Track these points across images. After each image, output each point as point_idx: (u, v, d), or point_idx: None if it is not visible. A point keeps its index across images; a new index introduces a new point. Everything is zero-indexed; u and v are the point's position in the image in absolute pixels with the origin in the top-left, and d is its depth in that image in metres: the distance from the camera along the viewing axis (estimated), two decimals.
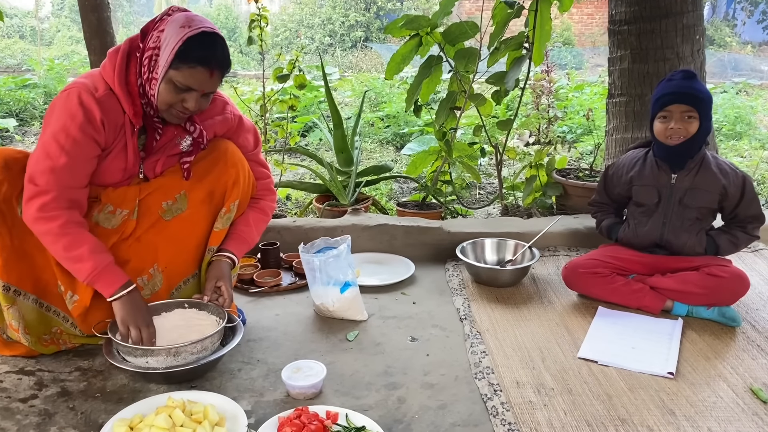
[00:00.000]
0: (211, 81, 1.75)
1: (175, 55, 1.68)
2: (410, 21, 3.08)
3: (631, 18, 3.14)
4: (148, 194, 1.91)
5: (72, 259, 1.74)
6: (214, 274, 1.94)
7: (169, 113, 1.79)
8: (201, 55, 1.70)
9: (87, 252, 1.73)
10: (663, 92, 2.21)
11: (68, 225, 1.73)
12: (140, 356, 1.73)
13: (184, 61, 1.69)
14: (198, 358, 1.76)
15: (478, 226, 2.83)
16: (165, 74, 1.70)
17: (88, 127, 1.72)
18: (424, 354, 1.98)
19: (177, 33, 1.69)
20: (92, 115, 1.72)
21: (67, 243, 1.72)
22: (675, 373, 1.85)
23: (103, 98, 1.74)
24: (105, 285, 1.76)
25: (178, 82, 1.71)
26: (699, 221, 2.28)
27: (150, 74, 1.74)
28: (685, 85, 2.17)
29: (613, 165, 2.46)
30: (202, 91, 1.76)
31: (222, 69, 1.76)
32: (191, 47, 1.68)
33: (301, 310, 2.30)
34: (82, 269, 1.74)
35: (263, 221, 2.11)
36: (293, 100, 2.96)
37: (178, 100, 1.75)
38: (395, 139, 6.24)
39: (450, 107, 3.22)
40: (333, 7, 17.66)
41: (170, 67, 1.69)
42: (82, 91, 1.73)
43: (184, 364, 1.73)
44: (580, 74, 9.97)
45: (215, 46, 1.74)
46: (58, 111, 1.73)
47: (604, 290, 2.30)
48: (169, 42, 1.69)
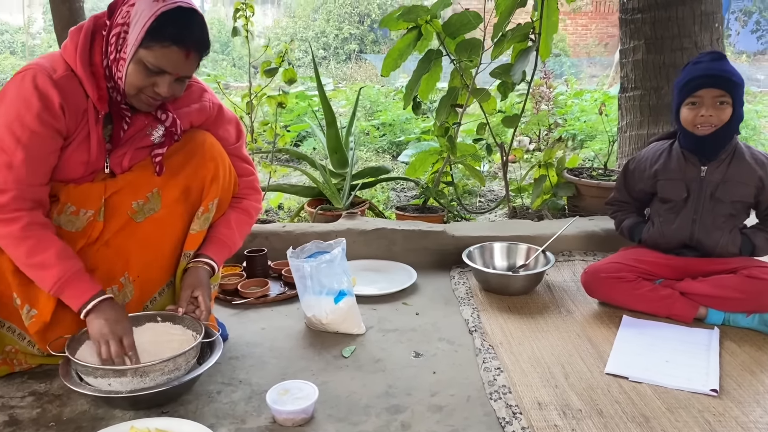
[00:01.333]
0: (187, 63, 1.54)
1: (147, 32, 1.47)
2: (407, 11, 2.86)
3: (645, 5, 2.94)
4: (115, 192, 1.68)
5: (35, 265, 1.51)
6: (190, 282, 1.71)
7: (138, 99, 1.57)
8: (176, 33, 1.49)
9: (53, 257, 1.51)
10: (691, 76, 1.99)
11: (31, 227, 1.51)
12: (102, 377, 1.48)
13: (157, 39, 1.48)
14: (169, 378, 1.52)
15: (485, 229, 2.60)
16: (134, 54, 1.49)
17: (45, 114, 1.49)
18: (430, 371, 1.75)
19: (149, 7, 1.47)
20: (50, 101, 1.49)
21: (29, 247, 1.50)
22: (719, 390, 1.61)
23: (62, 80, 1.52)
24: (73, 295, 1.53)
25: (149, 63, 1.50)
26: (733, 218, 2.06)
27: (117, 54, 1.52)
28: (716, 68, 1.96)
29: (634, 159, 2.24)
30: (176, 74, 1.54)
31: (199, 50, 1.56)
32: (165, 24, 1.47)
33: (291, 323, 2.06)
34: (47, 277, 1.51)
35: (247, 223, 1.87)
36: (282, 96, 2.74)
37: (149, 83, 1.53)
38: (391, 147, 6.04)
39: (451, 104, 3.00)
40: (326, 20, 17.57)
41: (140, 45, 1.48)
42: (38, 73, 1.50)
43: (153, 386, 1.49)
44: (578, 83, 9.82)
45: (192, 24, 1.53)
46: (11, 97, 1.51)
47: (629, 297, 2.06)
48: (140, 17, 1.47)
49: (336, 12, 17.62)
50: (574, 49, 16.58)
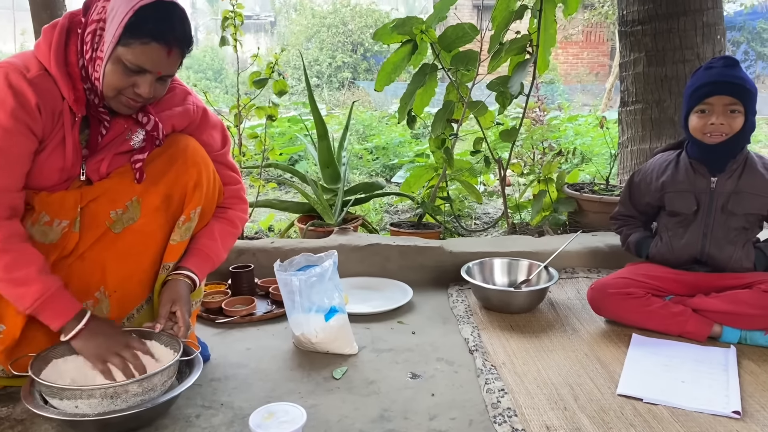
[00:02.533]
0: (169, 61, 1.44)
1: (125, 29, 1.36)
2: (402, 23, 2.79)
3: (646, 17, 2.87)
4: (92, 200, 1.55)
5: (14, 281, 1.38)
6: (169, 296, 1.57)
7: (117, 101, 1.46)
8: (156, 29, 1.39)
9: (34, 273, 1.38)
10: (702, 82, 1.90)
11: (11, 239, 1.38)
12: (68, 399, 1.34)
13: (136, 36, 1.37)
14: (143, 400, 1.38)
15: (484, 245, 2.48)
16: (112, 52, 1.39)
17: (20, 112, 1.38)
18: (428, 393, 1.61)
19: (127, 2, 1.37)
20: (25, 99, 1.38)
21: (9, 261, 1.37)
22: (741, 412, 1.49)
23: (36, 79, 1.40)
24: (53, 314, 1.41)
25: (128, 62, 1.39)
26: (746, 231, 1.96)
27: (93, 53, 1.41)
28: (728, 74, 1.87)
29: (640, 171, 2.14)
30: (157, 73, 1.44)
31: (182, 46, 1.45)
32: (144, 19, 1.37)
33: (278, 343, 1.92)
34: (26, 294, 1.38)
35: (232, 234, 1.74)
36: (272, 109, 2.63)
37: (128, 84, 1.43)
38: (384, 171, 5.95)
39: (447, 119, 2.91)
40: (320, 49, 17.66)
41: (118, 43, 1.38)
42: (11, 71, 1.39)
43: (124, 408, 1.35)
44: (571, 107, 9.83)
45: (173, 18, 1.42)
46: None
47: (639, 314, 1.94)
48: (118, 13, 1.37)
49: (329, 41, 17.75)
50: (566, 78, 16.72)
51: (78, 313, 1.43)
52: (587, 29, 17.06)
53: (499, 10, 2.76)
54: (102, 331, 1.45)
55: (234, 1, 2.50)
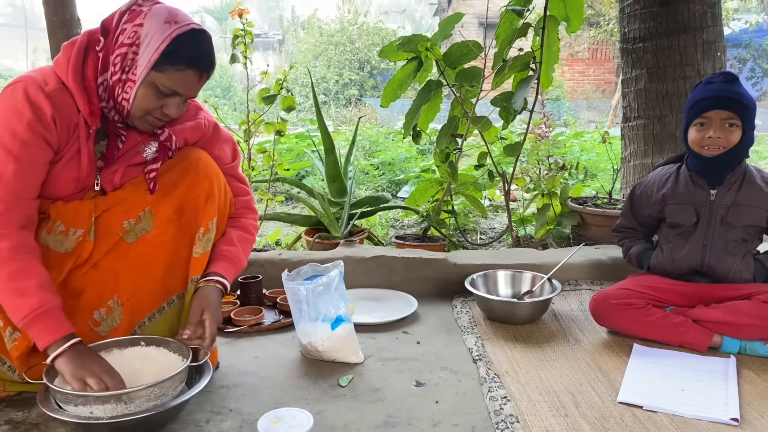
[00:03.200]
0: (198, 85, 1.53)
1: (161, 55, 1.43)
2: (407, 41, 2.85)
3: (647, 35, 2.93)
4: (106, 210, 1.61)
5: (15, 291, 1.41)
6: (199, 304, 1.61)
7: (143, 120, 1.53)
8: (191, 57, 1.47)
9: (34, 286, 1.41)
10: (701, 96, 1.94)
11: (20, 248, 1.43)
12: (82, 405, 1.38)
13: (172, 63, 1.45)
14: (155, 405, 1.42)
15: (489, 257, 2.52)
16: (146, 76, 1.46)
17: (37, 125, 1.44)
18: (432, 401, 1.65)
19: (162, 30, 1.44)
20: (42, 112, 1.44)
21: (14, 270, 1.41)
22: (740, 419, 1.51)
23: (53, 93, 1.47)
24: (44, 330, 1.41)
25: (162, 86, 1.47)
26: (745, 243, 1.99)
27: (124, 75, 1.47)
28: (727, 89, 1.92)
29: (641, 184, 2.18)
30: (187, 95, 1.52)
31: (209, 71, 1.55)
32: (180, 47, 1.45)
33: (286, 352, 1.96)
34: (22, 306, 1.40)
35: (248, 240, 1.79)
36: (281, 124, 2.69)
37: (158, 105, 1.50)
38: (390, 186, 6.01)
39: (452, 134, 2.96)
40: (327, 66, 17.85)
41: (153, 68, 1.45)
42: (29, 84, 1.45)
43: (136, 412, 1.39)
44: (576, 124, 9.88)
45: (205, 46, 1.51)
46: (1, 109, 1.45)
47: (640, 324, 1.97)
48: (153, 39, 1.44)
49: (336, 59, 17.94)
50: (572, 95, 16.81)
51: (66, 336, 1.43)
52: (593, 47, 17.18)
53: (503, 28, 2.82)
54: (84, 356, 1.44)
55: (244, 20, 2.57)
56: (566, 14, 2.75)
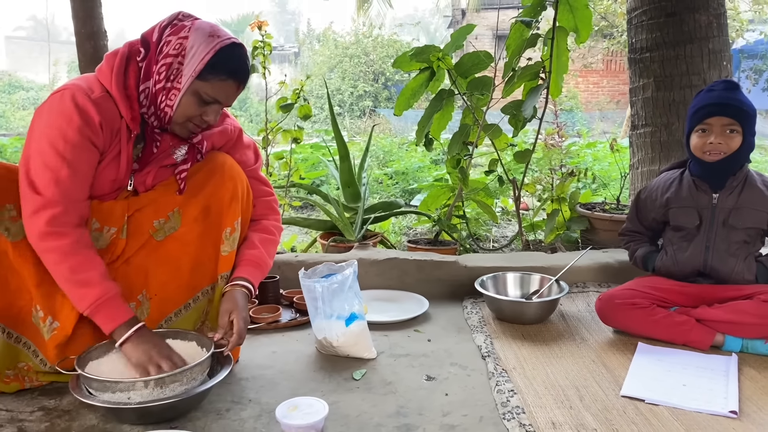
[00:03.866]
0: (236, 94, 1.66)
1: (206, 66, 1.55)
2: (420, 51, 2.94)
3: (653, 45, 3.00)
4: (138, 210, 1.71)
5: (78, 282, 1.53)
6: (227, 307, 1.70)
7: (184, 126, 1.64)
8: (232, 68, 1.60)
9: (97, 276, 1.54)
10: (702, 103, 2.01)
11: (79, 244, 1.54)
12: (120, 391, 1.47)
13: (215, 73, 1.57)
14: (186, 389, 1.51)
15: (498, 260, 2.59)
16: (191, 85, 1.57)
17: (86, 129, 1.54)
18: (442, 393, 1.72)
19: (207, 42, 1.56)
20: (90, 117, 1.54)
21: (75, 264, 1.52)
22: (738, 412, 1.57)
23: (99, 100, 1.57)
24: (108, 317, 1.54)
25: (206, 94, 1.58)
26: (747, 245, 2.05)
27: (169, 83, 1.58)
28: (728, 96, 1.98)
29: (646, 188, 2.25)
30: (226, 104, 1.64)
31: (246, 82, 1.67)
32: (223, 59, 1.57)
33: (302, 347, 2.05)
34: (86, 295, 1.52)
35: (271, 242, 1.87)
36: (298, 132, 2.79)
37: (199, 113, 1.62)
38: (404, 195, 6.08)
39: (463, 141, 3.04)
40: (342, 78, 18.03)
41: (198, 77, 1.56)
42: (77, 92, 1.55)
43: (162, 398, 1.48)
44: (590, 134, 9.92)
45: (244, 58, 1.65)
46: (50, 115, 1.54)
47: (644, 324, 2.03)
48: (198, 51, 1.56)
49: (351, 71, 18.12)
50: (586, 106, 16.83)
51: (129, 320, 1.56)
52: (607, 58, 17.20)
53: (513, 38, 2.90)
54: (148, 341, 1.57)
55: (263, 32, 2.68)
56: (575, 25, 2.84)
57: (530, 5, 2.82)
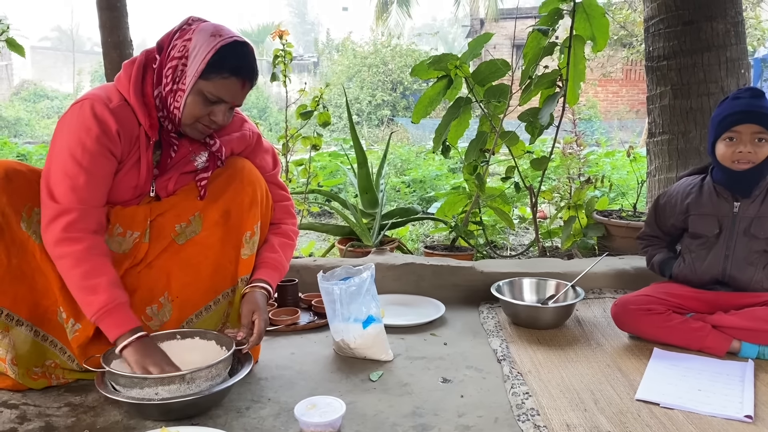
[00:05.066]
0: (242, 92, 1.66)
1: (207, 65, 1.58)
2: (438, 59, 2.99)
3: (671, 53, 3.01)
4: (160, 215, 1.76)
5: (87, 288, 1.57)
6: (249, 307, 1.75)
7: (193, 128, 1.68)
8: (235, 65, 1.61)
9: (105, 283, 1.57)
10: (730, 111, 2.00)
11: (93, 250, 1.58)
12: (148, 387, 1.51)
13: (217, 71, 1.59)
14: (210, 385, 1.56)
15: (515, 266, 2.61)
16: (194, 85, 1.60)
17: (104, 138, 1.60)
18: (457, 395, 1.74)
19: (208, 42, 1.59)
20: (107, 126, 1.60)
21: (87, 270, 1.57)
22: (753, 417, 1.57)
23: (117, 109, 1.63)
24: (114, 324, 1.58)
25: (209, 93, 1.61)
26: (766, 253, 2.05)
27: (175, 85, 1.62)
28: (756, 104, 1.97)
29: (665, 193, 2.25)
30: (232, 103, 1.66)
31: (252, 80, 1.68)
32: (225, 57, 1.59)
33: (320, 349, 2.08)
34: (93, 302, 1.56)
35: (289, 246, 1.92)
36: (317, 139, 2.84)
37: (206, 113, 1.64)
38: (421, 203, 6.10)
39: (480, 148, 3.07)
40: (360, 87, 18.13)
41: (201, 77, 1.59)
42: (95, 102, 1.61)
43: (185, 395, 1.52)
44: (609, 143, 9.88)
45: (247, 56, 1.65)
46: (71, 124, 1.61)
47: (660, 329, 2.04)
48: (200, 51, 1.59)
49: (369, 80, 18.21)
50: (605, 115, 16.75)
51: (133, 329, 1.58)
52: (627, 67, 17.13)
53: (530, 46, 2.93)
54: (149, 350, 1.59)
55: (284, 41, 2.73)
56: (592, 33, 2.86)
57: (547, 14, 2.85)
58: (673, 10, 3.02)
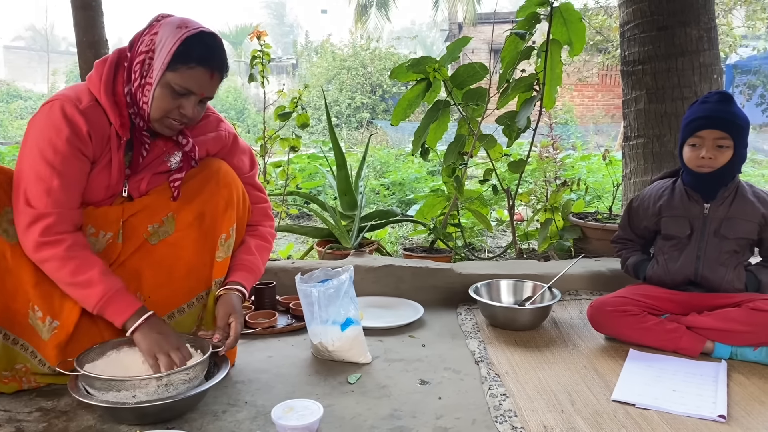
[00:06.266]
0: (211, 84, 1.63)
1: (173, 56, 1.56)
2: (417, 62, 2.99)
3: (646, 57, 3.05)
4: (132, 215, 1.74)
5: (80, 284, 1.56)
6: (225, 309, 1.73)
7: (163, 123, 1.65)
8: (201, 55, 1.59)
9: (97, 275, 1.56)
10: (695, 116, 2.04)
11: (75, 248, 1.57)
12: (125, 390, 1.49)
13: (183, 62, 1.57)
14: (188, 387, 1.54)
15: (492, 268, 2.62)
16: (161, 77, 1.58)
17: (74, 140, 1.58)
18: (435, 397, 1.74)
19: (174, 33, 1.57)
20: (78, 128, 1.58)
21: (74, 267, 1.55)
22: (726, 416, 1.60)
23: (87, 109, 1.60)
24: (117, 311, 1.57)
25: (176, 85, 1.59)
26: (737, 254, 2.08)
27: (143, 80, 1.60)
28: (721, 109, 2.01)
29: (638, 197, 2.28)
30: (201, 94, 1.63)
31: (221, 71, 1.65)
32: (190, 47, 1.57)
33: (297, 352, 2.07)
34: (91, 295, 1.56)
35: (266, 249, 1.91)
36: (295, 140, 2.83)
37: (175, 106, 1.62)
38: (400, 205, 6.11)
39: (459, 151, 3.08)
40: (340, 90, 18.11)
41: (167, 68, 1.57)
42: (65, 103, 1.59)
43: (165, 397, 1.50)
44: (584, 147, 10.00)
45: (215, 47, 1.63)
46: (41, 126, 1.59)
47: (635, 331, 2.06)
48: (166, 43, 1.57)
49: (348, 83, 18.20)
50: (581, 119, 16.93)
51: (138, 310, 1.59)
52: (602, 72, 17.33)
53: (508, 50, 2.95)
54: (159, 329, 1.60)
55: (262, 42, 2.72)
56: (569, 38, 2.88)
57: (525, 18, 2.87)
58: (648, 15, 3.06)
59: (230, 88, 19.87)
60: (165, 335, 1.60)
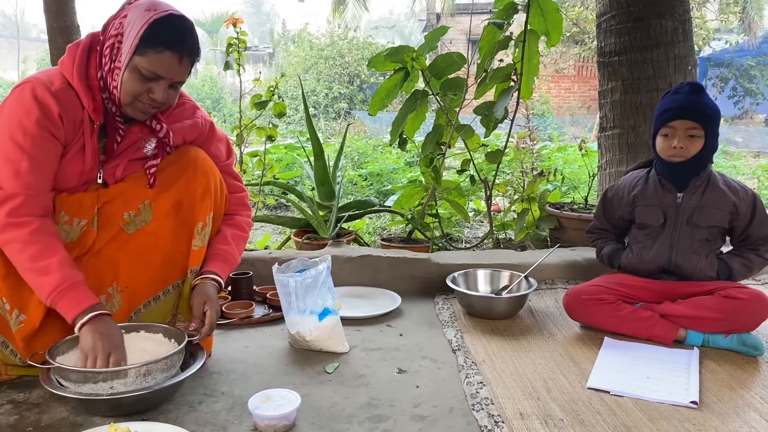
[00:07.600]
0: (180, 68, 1.60)
1: (141, 40, 1.53)
2: (395, 51, 2.98)
3: (622, 48, 3.07)
4: (107, 202, 1.71)
5: (37, 270, 1.51)
6: (201, 299, 1.71)
7: (134, 107, 1.62)
8: (169, 39, 1.55)
9: (56, 264, 1.51)
10: (667, 106, 2.07)
11: (40, 232, 1.53)
12: (102, 381, 1.47)
13: (151, 46, 1.54)
14: (165, 377, 1.53)
15: (470, 257, 2.64)
16: (129, 61, 1.55)
17: (45, 121, 1.54)
18: (413, 385, 1.75)
19: (142, 17, 1.54)
20: (49, 110, 1.54)
21: (35, 252, 1.51)
22: (698, 402, 1.63)
23: (59, 92, 1.57)
24: (69, 305, 1.52)
25: (144, 69, 1.55)
26: (709, 242, 2.11)
27: (112, 64, 1.58)
28: (692, 100, 2.04)
29: (613, 187, 2.31)
30: (170, 79, 1.60)
31: (191, 55, 1.62)
32: (158, 30, 1.54)
33: (275, 342, 2.06)
34: (46, 283, 1.51)
35: (242, 238, 1.89)
36: (272, 129, 2.80)
37: (144, 90, 1.59)
38: (378, 196, 6.11)
39: (437, 141, 3.08)
40: (317, 80, 17.99)
41: (135, 52, 1.54)
42: (36, 85, 1.56)
43: (140, 388, 1.48)
44: (561, 138, 10.07)
45: (184, 30, 1.60)
46: (11, 108, 1.55)
47: (610, 319, 2.09)
48: (134, 26, 1.54)
49: (326, 73, 18.08)
50: (558, 111, 17.04)
51: (92, 306, 1.53)
52: (579, 64, 17.46)
53: (486, 40, 2.95)
54: (101, 331, 1.51)
55: (238, 29, 2.68)
56: (546, 28, 2.89)
57: (502, 8, 2.87)
58: (624, 6, 3.08)
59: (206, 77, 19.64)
60: (107, 337, 1.52)
